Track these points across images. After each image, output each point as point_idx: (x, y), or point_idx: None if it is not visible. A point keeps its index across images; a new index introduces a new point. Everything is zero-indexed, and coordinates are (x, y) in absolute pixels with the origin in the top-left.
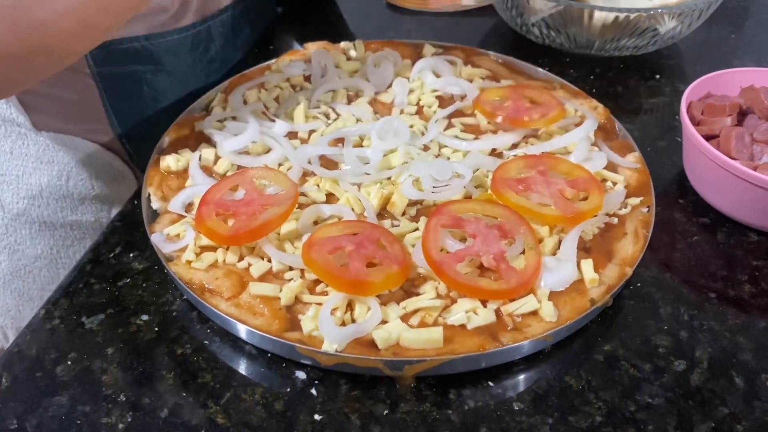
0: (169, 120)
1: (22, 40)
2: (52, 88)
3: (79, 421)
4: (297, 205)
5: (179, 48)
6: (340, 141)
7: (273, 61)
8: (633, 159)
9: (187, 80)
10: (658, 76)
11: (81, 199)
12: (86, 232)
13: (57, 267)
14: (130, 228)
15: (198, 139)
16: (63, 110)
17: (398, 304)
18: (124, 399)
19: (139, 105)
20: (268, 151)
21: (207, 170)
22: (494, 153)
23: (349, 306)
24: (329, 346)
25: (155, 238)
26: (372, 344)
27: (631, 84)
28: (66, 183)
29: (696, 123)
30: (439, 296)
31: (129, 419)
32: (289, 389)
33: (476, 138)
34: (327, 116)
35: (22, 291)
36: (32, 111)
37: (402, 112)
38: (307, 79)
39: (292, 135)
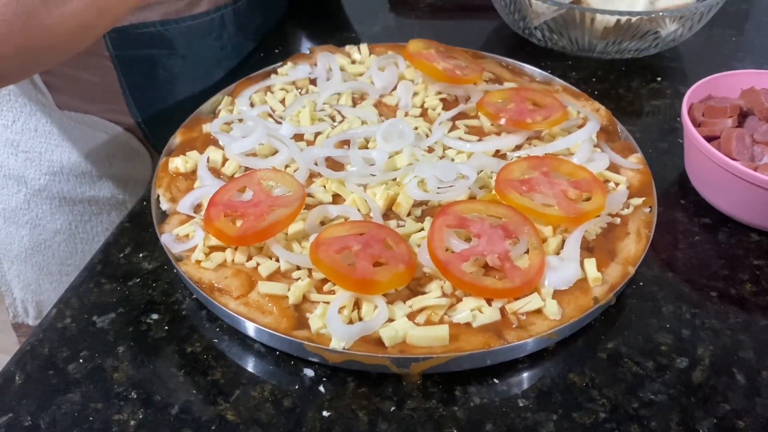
0: (183, 102)
1: (31, 42)
2: (74, 70)
3: (91, 418)
4: (304, 206)
5: (193, 34)
6: (345, 143)
7: (279, 64)
8: (635, 160)
9: (201, 64)
10: (659, 79)
11: (99, 176)
12: (103, 208)
13: (75, 242)
14: (139, 229)
15: (205, 142)
16: (84, 91)
17: (404, 302)
18: (135, 396)
19: (154, 87)
20: (275, 153)
21: (215, 172)
22: (498, 154)
23: (356, 305)
24: (337, 343)
25: (165, 239)
26: (379, 342)
27: (633, 86)
28: (85, 160)
29: (697, 124)
30: (444, 295)
31: (140, 416)
32: (297, 386)
33: (480, 140)
34: (332, 119)
35: (42, 265)
36: (55, 91)
37: (406, 114)
38: (313, 82)
39: (298, 137)
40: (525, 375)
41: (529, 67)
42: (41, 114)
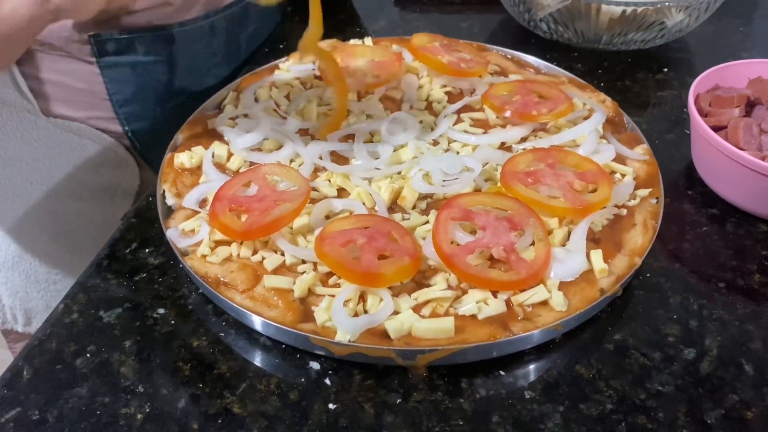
0: (171, 110)
1: None
2: (60, 77)
3: (98, 412)
4: (309, 200)
5: (181, 41)
6: (350, 137)
7: (284, 59)
8: (641, 151)
9: (190, 72)
10: (666, 70)
11: (85, 185)
12: (89, 217)
13: (62, 251)
14: (145, 224)
15: (211, 137)
16: (70, 98)
17: (410, 295)
18: (142, 390)
19: (141, 94)
20: (280, 147)
21: (220, 167)
22: (503, 147)
23: (362, 298)
24: (342, 336)
25: (171, 233)
26: (384, 334)
27: (639, 77)
28: (71, 169)
29: (704, 115)
30: (450, 287)
31: (147, 409)
32: (303, 379)
33: (485, 132)
34: None
35: (30, 273)
36: (41, 98)
37: (411, 107)
38: (318, 77)
39: (303, 132)
40: (531, 367)
41: (534, 60)
42: (27, 122)
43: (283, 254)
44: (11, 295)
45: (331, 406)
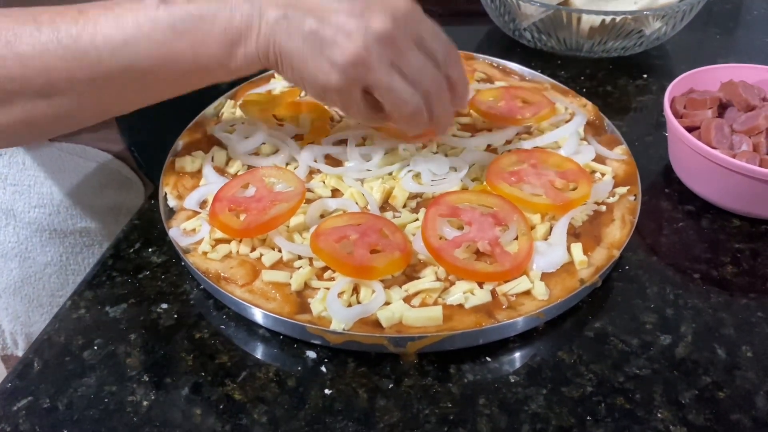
0: (174, 127)
1: None
2: None
3: (106, 400)
4: (304, 200)
5: None
6: (343, 141)
7: None
8: (620, 151)
9: None
10: (645, 76)
11: (90, 207)
12: (95, 239)
13: (66, 273)
14: (148, 225)
15: (210, 142)
16: None
17: (400, 287)
18: (147, 379)
19: (145, 113)
20: (277, 151)
21: (219, 170)
22: (489, 149)
23: (355, 290)
24: (337, 325)
25: (173, 233)
26: (377, 324)
27: (620, 83)
28: (76, 191)
29: (679, 116)
30: (438, 279)
31: (152, 397)
32: (300, 368)
33: (472, 135)
34: (331, 119)
35: (32, 297)
36: None
37: None
38: None
39: (298, 137)
40: (516, 354)
41: (519, 67)
42: (31, 148)
43: (280, 251)
44: (12, 320)
45: (327, 391)
